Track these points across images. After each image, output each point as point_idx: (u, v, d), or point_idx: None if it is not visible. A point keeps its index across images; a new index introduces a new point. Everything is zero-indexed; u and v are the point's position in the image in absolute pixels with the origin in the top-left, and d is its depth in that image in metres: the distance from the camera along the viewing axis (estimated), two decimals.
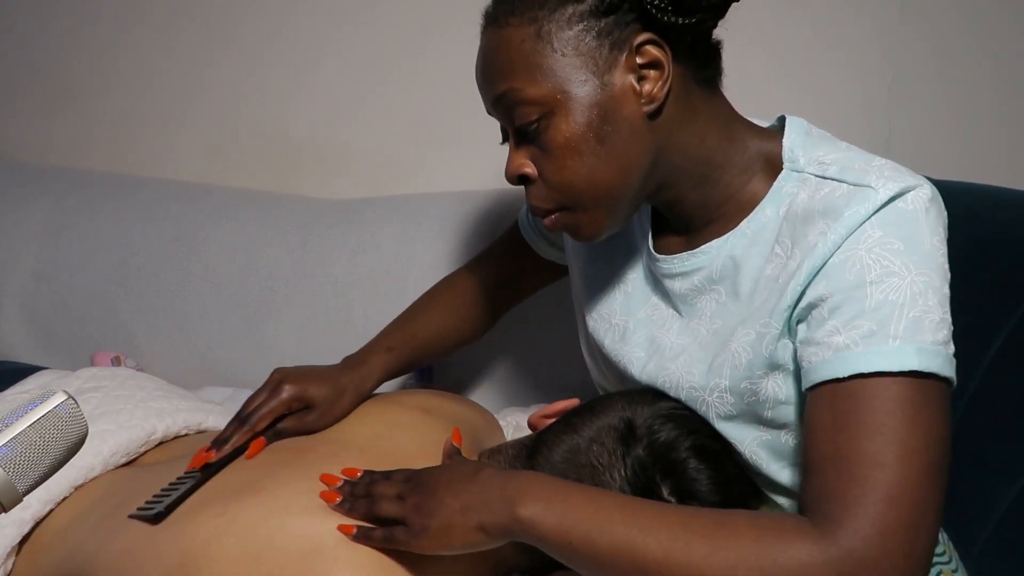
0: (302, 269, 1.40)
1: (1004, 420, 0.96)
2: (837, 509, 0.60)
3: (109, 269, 1.46)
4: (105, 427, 0.90)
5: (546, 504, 0.65)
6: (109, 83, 1.61)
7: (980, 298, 1.03)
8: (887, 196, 0.65)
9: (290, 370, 0.89)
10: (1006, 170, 1.25)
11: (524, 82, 0.71)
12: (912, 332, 0.62)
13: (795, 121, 0.76)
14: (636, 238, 0.87)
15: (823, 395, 0.64)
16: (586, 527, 0.63)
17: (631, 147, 0.71)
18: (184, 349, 1.44)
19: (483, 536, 0.67)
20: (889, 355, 0.62)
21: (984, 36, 1.24)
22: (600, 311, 0.89)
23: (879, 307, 0.63)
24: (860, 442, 0.61)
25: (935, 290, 0.64)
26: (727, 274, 0.75)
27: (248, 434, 0.84)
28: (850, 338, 0.63)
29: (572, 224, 0.76)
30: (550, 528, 0.64)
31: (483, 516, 0.66)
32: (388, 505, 0.71)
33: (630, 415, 0.77)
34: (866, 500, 0.59)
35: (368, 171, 1.53)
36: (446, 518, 0.68)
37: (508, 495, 0.66)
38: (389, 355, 0.97)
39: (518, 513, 0.65)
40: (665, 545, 0.61)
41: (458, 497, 0.68)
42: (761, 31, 1.28)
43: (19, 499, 0.55)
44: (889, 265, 0.64)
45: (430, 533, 0.68)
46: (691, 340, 0.79)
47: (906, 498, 0.60)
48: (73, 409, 0.58)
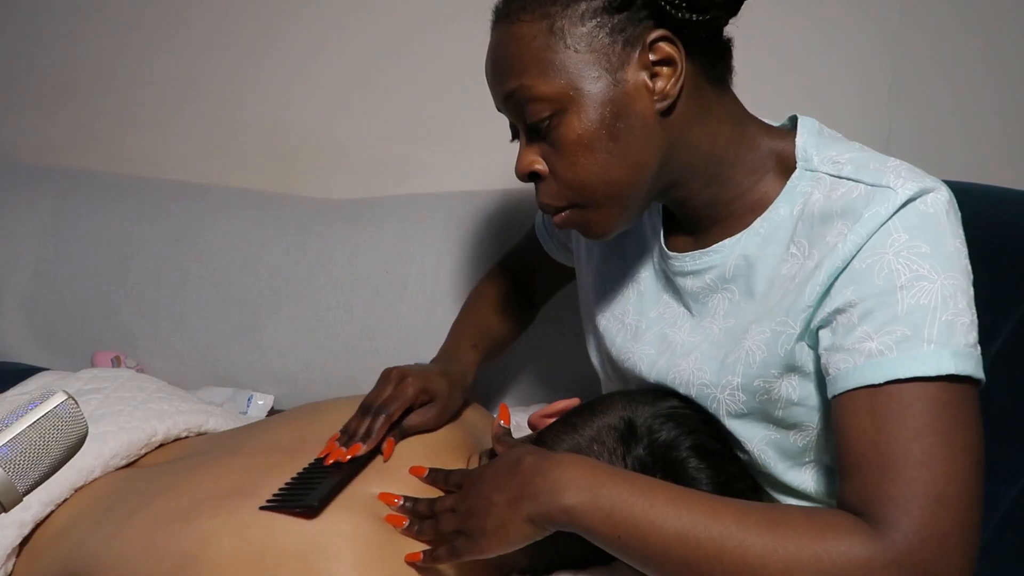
0: (302, 269, 1.40)
1: (1004, 420, 0.96)
2: (889, 510, 0.59)
3: (109, 269, 1.46)
4: (105, 429, 0.90)
5: (592, 494, 0.64)
6: (109, 83, 1.61)
7: (980, 298, 1.03)
8: (906, 197, 0.65)
9: (406, 367, 0.88)
10: (1006, 170, 1.25)
11: (536, 79, 0.70)
12: (946, 336, 0.62)
13: (807, 120, 0.76)
14: (647, 237, 0.87)
15: (859, 399, 0.64)
16: (636, 521, 0.63)
17: (644, 144, 0.71)
18: (184, 349, 1.44)
19: (534, 528, 0.66)
20: (926, 359, 0.62)
21: (984, 36, 1.24)
22: (613, 311, 0.88)
23: (912, 312, 0.63)
24: (905, 444, 0.61)
25: (963, 292, 0.64)
26: (740, 273, 0.75)
27: (387, 423, 0.82)
28: (884, 344, 0.63)
29: (582, 222, 0.75)
30: (599, 520, 0.64)
31: (530, 508, 0.66)
32: (447, 520, 0.71)
33: (630, 414, 0.77)
34: (918, 502, 0.59)
35: (368, 171, 1.53)
36: (497, 517, 0.67)
37: (552, 485, 0.65)
38: (475, 352, 0.98)
39: (564, 504, 0.64)
40: (718, 542, 0.61)
41: (503, 492, 0.67)
42: (761, 31, 1.28)
43: (19, 499, 0.55)
44: (918, 269, 0.64)
45: (487, 535, 0.67)
46: (703, 338, 0.78)
47: (956, 498, 0.59)
48: (73, 409, 0.58)
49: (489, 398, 1.37)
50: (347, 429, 0.82)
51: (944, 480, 0.59)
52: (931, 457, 0.60)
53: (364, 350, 1.37)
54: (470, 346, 0.98)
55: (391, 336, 1.36)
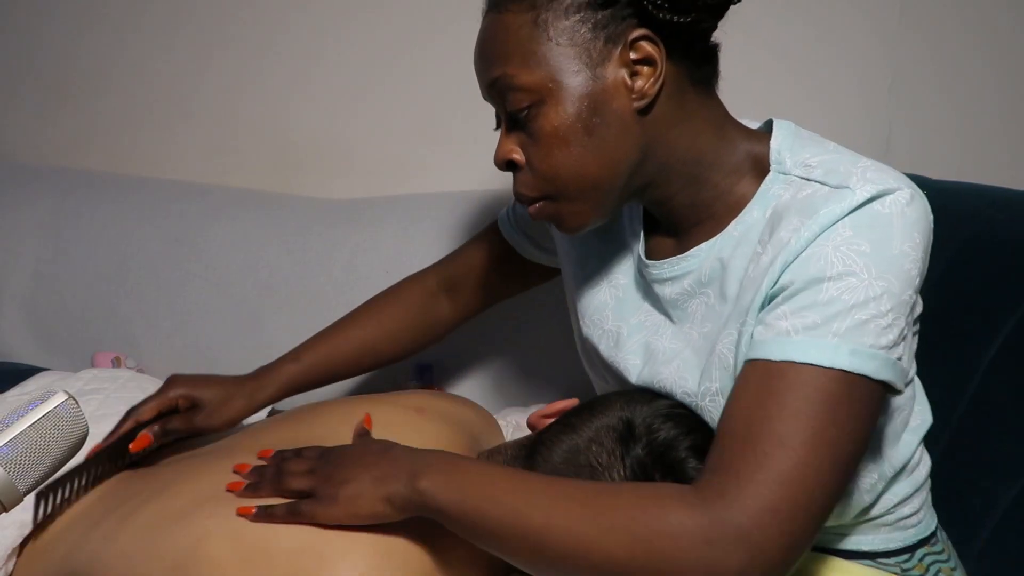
0: (302, 269, 1.40)
1: (1004, 420, 0.96)
2: (729, 481, 0.61)
3: (109, 269, 1.46)
4: (106, 429, 0.90)
5: (446, 477, 0.67)
6: (109, 83, 1.61)
7: (980, 298, 1.03)
8: (864, 197, 0.65)
9: (184, 375, 0.93)
10: (1006, 170, 1.25)
11: (518, 68, 0.71)
12: (853, 334, 0.63)
13: (783, 124, 0.77)
14: (628, 241, 0.87)
15: (754, 370, 0.66)
16: (478, 498, 0.66)
17: (619, 141, 0.72)
18: (184, 349, 1.44)
19: (389, 507, 0.69)
20: (824, 349, 0.63)
21: (984, 36, 1.24)
22: (592, 316, 0.89)
23: (830, 303, 0.64)
24: (772, 422, 0.62)
25: (892, 296, 0.64)
26: (715, 276, 0.76)
27: (132, 422, 0.88)
28: (793, 325, 0.65)
29: (556, 214, 0.76)
30: (448, 500, 0.66)
31: (390, 488, 0.68)
32: (297, 479, 0.73)
33: (629, 415, 0.77)
34: (759, 477, 0.60)
35: (368, 171, 1.53)
36: (354, 488, 0.69)
37: (413, 469, 0.68)
38: (295, 365, 0.99)
39: (419, 485, 0.67)
40: (547, 512, 0.63)
41: (368, 470, 0.70)
42: (761, 31, 1.28)
43: (20, 499, 0.55)
44: (852, 265, 0.64)
45: (338, 501, 0.69)
46: (684, 345, 0.79)
47: (800, 482, 0.60)
48: (73, 409, 0.58)
49: (490, 398, 1.37)
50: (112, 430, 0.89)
51: (794, 464, 0.60)
52: (792, 440, 0.61)
53: None
54: (291, 359, 1.00)
55: None
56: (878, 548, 0.84)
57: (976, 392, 0.99)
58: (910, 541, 0.85)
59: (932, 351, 0.87)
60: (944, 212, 1.03)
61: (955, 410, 1.00)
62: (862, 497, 0.79)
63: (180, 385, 0.91)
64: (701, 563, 0.59)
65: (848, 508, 0.79)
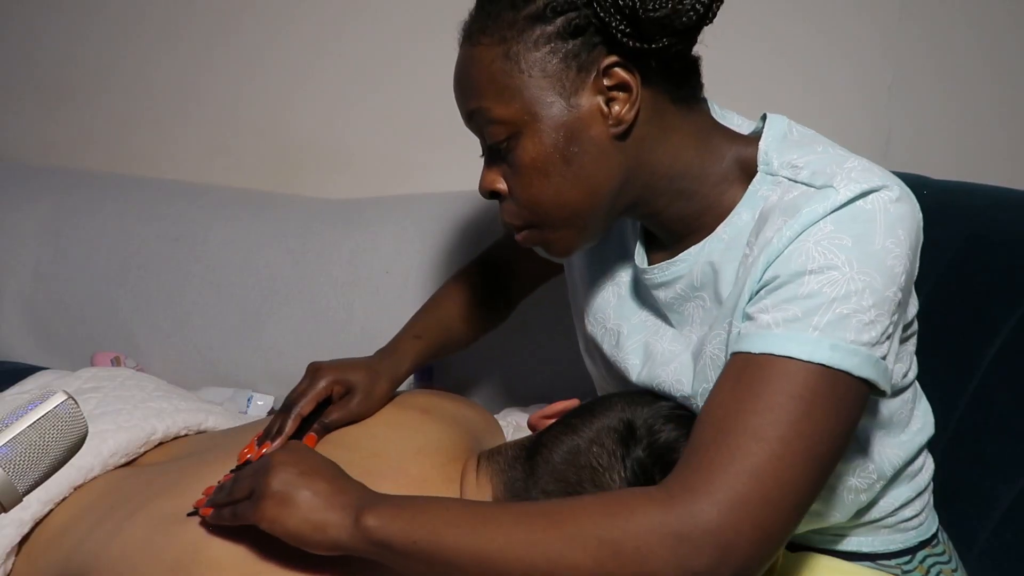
0: (302, 269, 1.40)
1: (1004, 420, 0.96)
2: (699, 476, 0.60)
3: (109, 269, 1.46)
4: (104, 427, 0.90)
5: (395, 510, 0.64)
6: (109, 83, 1.61)
7: (980, 298, 1.03)
8: (847, 197, 0.65)
9: (325, 361, 0.90)
10: (1006, 170, 1.25)
11: (493, 102, 0.71)
12: (834, 328, 0.63)
13: (775, 121, 0.76)
14: (629, 245, 0.87)
15: (735, 363, 0.65)
16: (431, 526, 0.62)
17: (598, 168, 0.71)
18: (184, 349, 1.44)
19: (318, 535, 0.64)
20: (803, 343, 0.62)
21: (984, 36, 1.24)
22: (596, 314, 0.89)
23: (811, 296, 0.64)
24: (747, 415, 0.61)
25: (874, 291, 0.64)
26: (708, 280, 0.75)
27: (297, 419, 0.83)
28: (775, 319, 0.64)
29: (542, 241, 0.76)
30: (396, 532, 0.63)
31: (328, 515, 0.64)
32: (243, 485, 0.69)
33: (630, 416, 0.77)
34: (731, 469, 0.59)
35: (368, 171, 1.53)
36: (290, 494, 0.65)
37: (359, 503, 0.65)
38: (418, 342, 0.98)
39: (365, 520, 0.63)
40: (508, 530, 0.61)
41: (313, 484, 0.66)
42: (761, 31, 1.28)
43: (19, 499, 0.55)
44: (833, 259, 0.64)
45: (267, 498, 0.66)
46: (683, 347, 0.79)
47: (772, 476, 0.59)
48: (73, 409, 0.58)
49: (490, 398, 1.37)
50: (267, 428, 0.83)
51: (767, 458, 0.59)
52: (766, 433, 0.60)
53: (364, 350, 1.36)
54: (412, 336, 0.98)
55: (391, 336, 1.36)
56: (878, 549, 0.84)
57: (976, 392, 0.99)
58: (911, 543, 0.85)
59: (932, 351, 0.86)
60: (944, 212, 1.04)
61: (955, 410, 1.00)
62: (858, 497, 0.78)
63: (328, 372, 0.87)
64: (672, 561, 0.57)
65: (843, 508, 0.79)
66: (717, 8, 0.68)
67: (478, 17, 0.73)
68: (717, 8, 0.68)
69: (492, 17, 0.71)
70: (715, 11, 0.68)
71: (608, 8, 0.67)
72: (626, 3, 0.66)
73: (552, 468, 0.77)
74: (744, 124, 0.81)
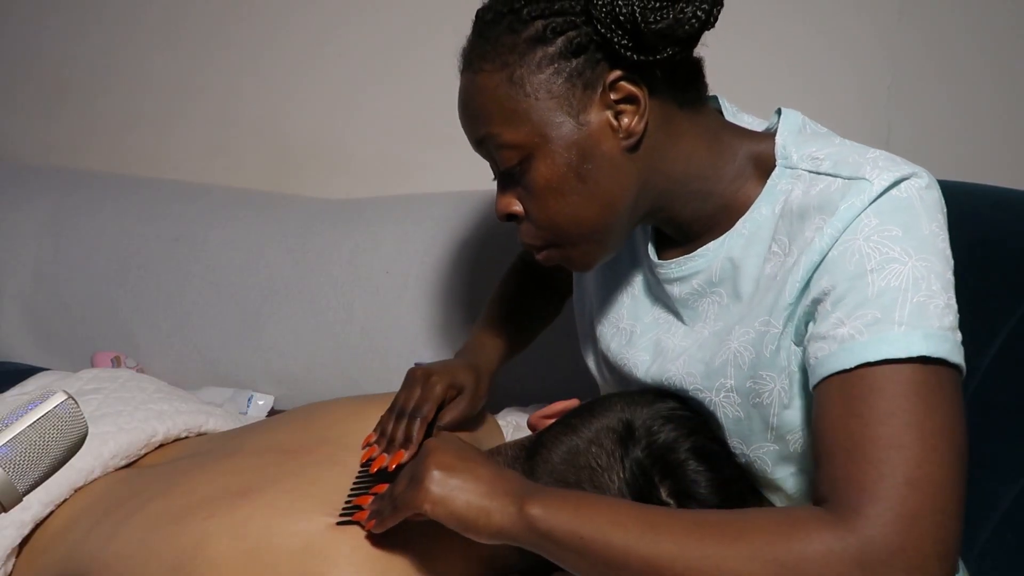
0: (302, 269, 1.40)
1: (1004, 420, 0.96)
2: (854, 495, 0.58)
3: (109, 269, 1.47)
4: (105, 429, 0.90)
5: (560, 502, 0.64)
6: (109, 83, 1.61)
7: (980, 298, 1.03)
8: (882, 187, 0.65)
9: (430, 365, 0.88)
10: (1006, 170, 1.25)
11: (502, 127, 0.71)
12: (917, 318, 0.61)
13: (790, 116, 0.76)
14: (639, 244, 0.87)
15: (832, 387, 0.63)
16: (598, 524, 0.62)
17: (613, 182, 0.71)
18: (184, 349, 1.44)
19: (484, 518, 0.64)
20: (895, 342, 0.61)
21: (984, 36, 1.24)
22: (609, 316, 0.89)
23: (882, 294, 0.62)
24: (874, 427, 0.59)
25: (937, 275, 0.63)
26: (727, 276, 0.75)
27: (424, 425, 0.81)
28: (855, 328, 0.62)
29: (564, 258, 0.76)
30: (560, 524, 0.62)
31: (496, 502, 0.64)
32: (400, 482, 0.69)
33: (629, 416, 0.77)
34: (884, 483, 0.57)
35: (368, 171, 1.53)
36: (459, 483, 0.65)
37: (524, 493, 0.65)
38: (500, 339, 0.99)
39: (529, 508, 0.63)
40: (680, 541, 0.60)
41: (479, 480, 0.66)
42: (761, 31, 1.28)
43: (19, 499, 0.55)
44: (888, 252, 0.63)
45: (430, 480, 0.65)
46: (692, 343, 0.79)
47: (928, 480, 0.57)
48: (73, 409, 0.58)
49: (490, 398, 1.36)
50: (385, 433, 0.81)
51: (914, 462, 0.57)
52: (900, 439, 0.58)
53: (364, 350, 1.37)
54: (495, 334, 0.99)
55: (391, 336, 1.36)
56: None
57: (976, 392, 0.99)
58: None
59: None
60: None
61: None
62: None
63: (437, 376, 0.85)
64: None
65: None
66: (718, 13, 0.68)
67: (477, 43, 0.73)
68: (718, 13, 0.68)
69: (491, 42, 0.71)
70: (716, 16, 0.68)
71: (609, 24, 0.67)
72: (627, 18, 0.66)
73: (551, 468, 0.77)
74: (755, 123, 0.81)
